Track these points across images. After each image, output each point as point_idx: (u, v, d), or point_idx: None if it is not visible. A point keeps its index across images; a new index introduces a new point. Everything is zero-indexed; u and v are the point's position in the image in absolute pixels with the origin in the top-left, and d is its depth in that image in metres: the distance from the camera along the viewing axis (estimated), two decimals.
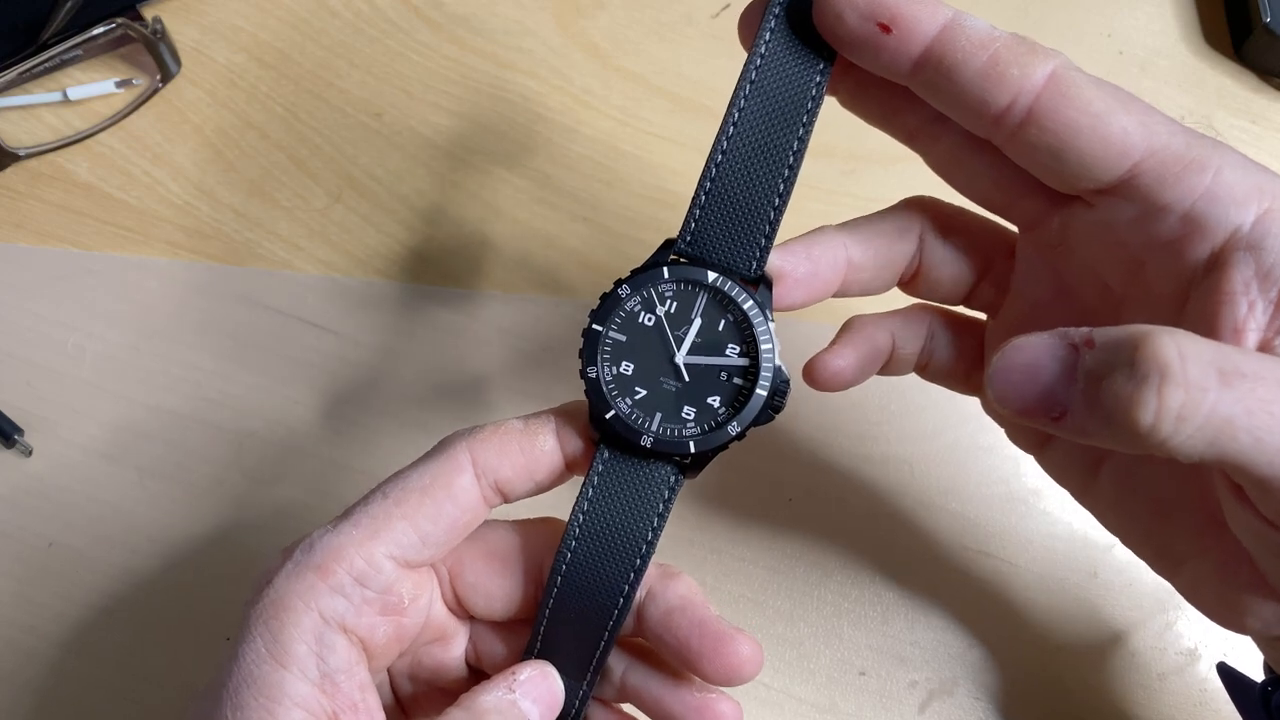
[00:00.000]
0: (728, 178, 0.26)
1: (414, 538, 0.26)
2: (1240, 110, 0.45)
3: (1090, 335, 0.22)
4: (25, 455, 0.39)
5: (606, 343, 0.27)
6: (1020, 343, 0.22)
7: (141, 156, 0.44)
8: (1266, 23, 0.44)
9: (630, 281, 0.27)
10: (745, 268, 0.27)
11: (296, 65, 0.45)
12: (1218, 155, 0.24)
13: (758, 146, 0.26)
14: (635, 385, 0.27)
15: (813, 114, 0.26)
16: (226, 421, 0.39)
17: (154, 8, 0.45)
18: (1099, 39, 0.46)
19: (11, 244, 0.42)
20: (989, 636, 0.37)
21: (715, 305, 0.27)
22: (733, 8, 0.46)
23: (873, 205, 0.43)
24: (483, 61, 0.45)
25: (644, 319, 0.27)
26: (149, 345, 0.40)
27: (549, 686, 0.28)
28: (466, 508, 0.27)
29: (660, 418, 0.27)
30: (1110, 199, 0.25)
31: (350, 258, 0.42)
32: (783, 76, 0.26)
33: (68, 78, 0.45)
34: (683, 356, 0.27)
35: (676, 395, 0.27)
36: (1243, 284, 0.24)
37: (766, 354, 0.26)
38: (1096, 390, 0.21)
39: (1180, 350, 0.20)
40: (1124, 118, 0.24)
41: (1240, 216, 0.24)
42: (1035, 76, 0.24)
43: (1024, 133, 0.25)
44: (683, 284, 0.27)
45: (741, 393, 0.26)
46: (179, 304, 0.41)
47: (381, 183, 0.43)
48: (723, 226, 0.26)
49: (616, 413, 0.26)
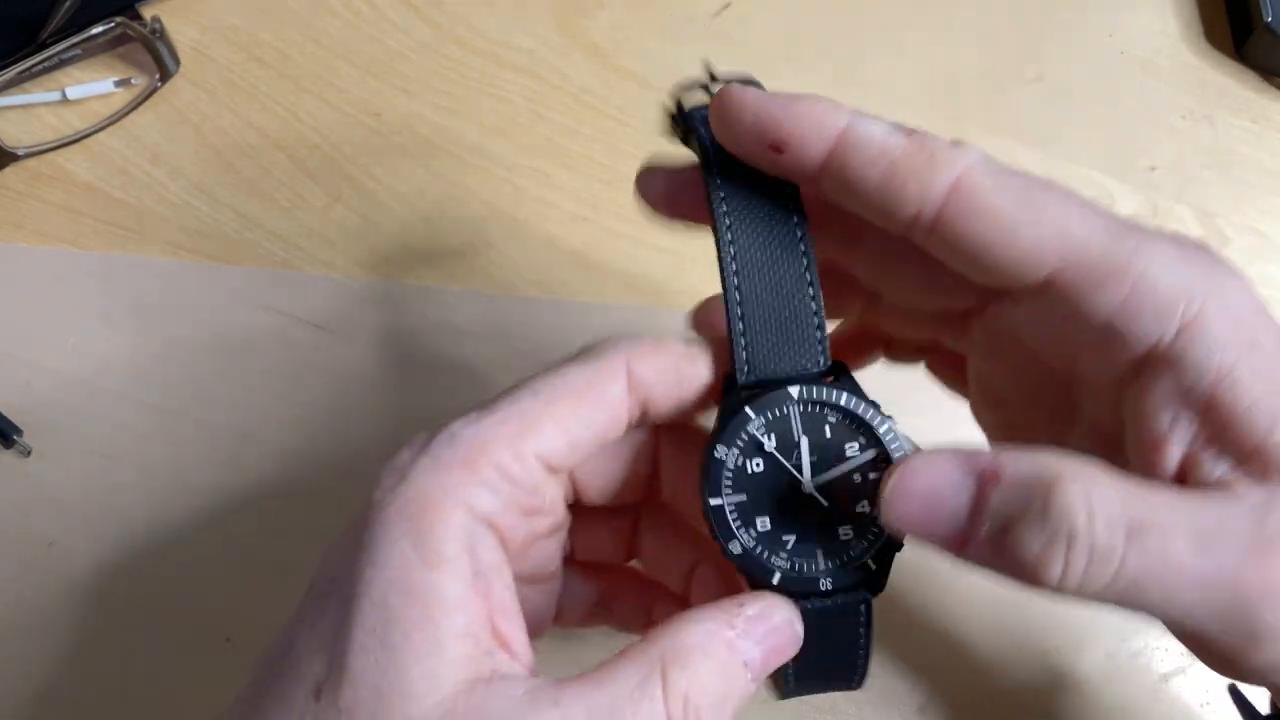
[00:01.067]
0: (753, 297, 0.25)
1: (562, 442, 0.24)
2: (1241, 110, 0.45)
3: (997, 468, 0.21)
4: (25, 455, 0.39)
5: (731, 511, 0.25)
6: (920, 467, 0.22)
7: (141, 156, 0.43)
8: (1268, 22, 0.44)
9: (720, 438, 0.25)
10: (814, 366, 0.25)
11: (296, 65, 0.45)
12: (1142, 256, 0.22)
13: (764, 255, 0.25)
14: (782, 535, 0.25)
15: (796, 203, 0.25)
16: (226, 421, 0.39)
17: (153, 7, 0.45)
18: (1100, 39, 0.46)
19: (11, 244, 0.42)
20: (989, 638, 0.37)
21: (812, 416, 0.25)
22: (733, 8, 0.46)
23: None
24: (483, 61, 0.45)
25: (754, 465, 0.25)
26: (149, 345, 0.40)
27: (780, 624, 0.24)
28: (614, 418, 0.25)
29: (821, 553, 0.25)
30: (1034, 299, 0.24)
31: (350, 258, 0.42)
32: (748, 189, 0.25)
33: (67, 77, 0.45)
34: (811, 482, 0.25)
35: (821, 524, 0.25)
36: (1164, 398, 0.23)
37: (885, 432, 0.24)
38: (1003, 537, 0.21)
39: (1090, 507, 0.20)
40: (1034, 229, 0.23)
41: (1161, 328, 0.22)
42: (935, 190, 0.23)
43: (933, 241, 0.24)
44: (770, 413, 0.25)
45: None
46: (179, 304, 0.41)
47: (381, 183, 0.43)
48: (774, 341, 0.25)
49: (781, 575, 0.25)
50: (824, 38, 0.46)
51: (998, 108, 0.45)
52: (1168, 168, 0.44)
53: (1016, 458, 0.21)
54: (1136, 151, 0.44)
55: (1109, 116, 0.45)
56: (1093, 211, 0.23)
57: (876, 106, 0.48)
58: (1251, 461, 0.22)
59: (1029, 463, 0.21)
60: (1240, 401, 0.22)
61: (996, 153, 0.23)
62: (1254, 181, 0.44)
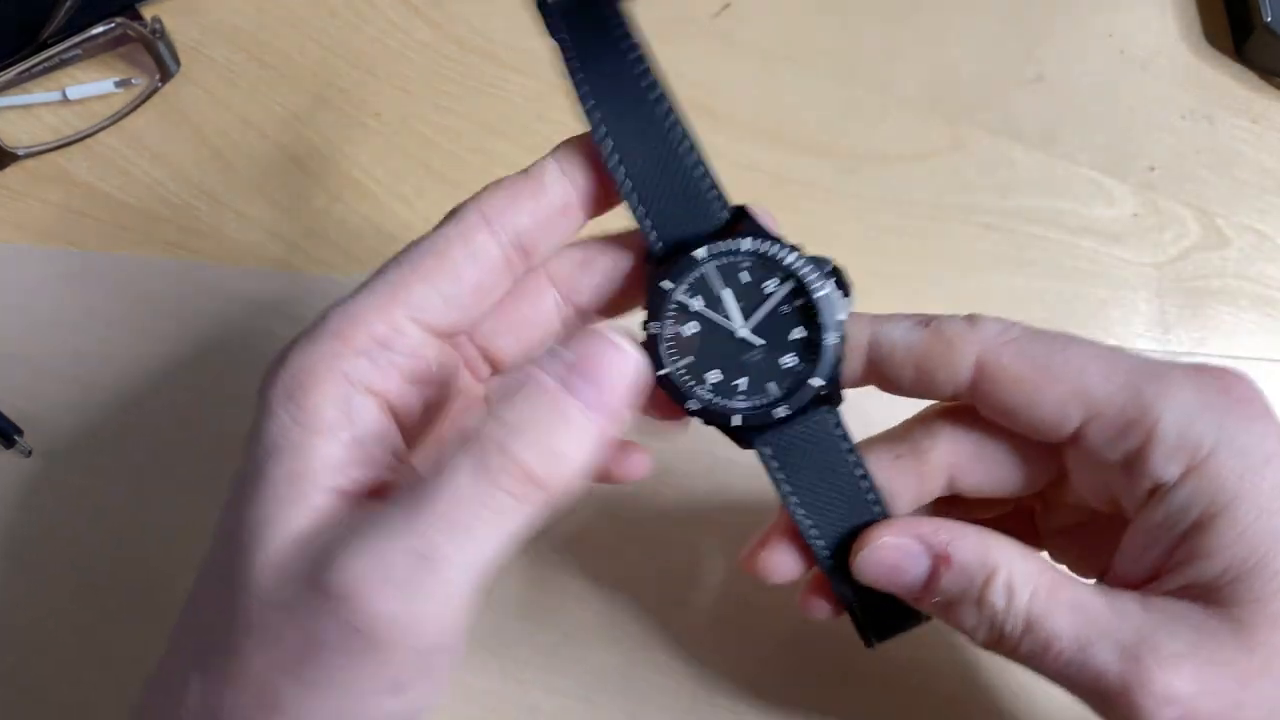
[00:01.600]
0: (640, 174, 0.26)
1: (436, 299, 0.25)
2: (1241, 110, 0.45)
3: (949, 552, 0.26)
4: (25, 455, 0.39)
5: (681, 374, 0.27)
6: (888, 544, 0.27)
7: (141, 156, 0.44)
8: (1267, 22, 0.44)
9: (650, 313, 0.26)
10: (716, 220, 0.26)
11: (296, 65, 0.45)
12: (1159, 404, 0.25)
13: (638, 135, 0.26)
14: (733, 381, 0.27)
15: (655, 79, 0.26)
16: (226, 422, 0.39)
17: (153, 7, 0.45)
18: (1100, 39, 0.46)
19: (11, 244, 0.42)
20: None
21: (725, 269, 0.26)
22: (733, 7, 0.46)
23: (872, 205, 0.44)
24: (483, 61, 0.45)
25: (689, 329, 0.27)
26: (149, 345, 0.40)
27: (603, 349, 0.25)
28: (489, 268, 0.26)
29: (774, 385, 0.27)
30: (1071, 448, 0.27)
31: (350, 258, 0.42)
32: (609, 77, 0.26)
33: (67, 77, 0.45)
34: (743, 326, 0.27)
35: (765, 360, 0.27)
36: (1153, 523, 0.26)
37: (794, 262, 0.26)
38: (948, 608, 0.26)
39: (1009, 600, 0.25)
40: (1055, 389, 0.26)
41: (1167, 472, 0.25)
42: (961, 374, 0.27)
43: (981, 408, 0.27)
44: (689, 280, 0.26)
45: (809, 296, 0.26)
46: (179, 304, 0.41)
47: (381, 183, 0.43)
48: (673, 208, 0.26)
49: (740, 415, 0.27)
50: (824, 38, 0.46)
51: (998, 108, 0.45)
52: (1167, 168, 0.44)
53: (964, 546, 0.26)
54: (1136, 151, 0.44)
55: (1109, 116, 0.45)
56: (1114, 361, 0.26)
57: (876, 106, 0.48)
58: (1207, 592, 0.25)
59: (974, 552, 0.26)
60: (1206, 546, 0.25)
61: (996, 152, 0.23)
62: (1253, 181, 0.44)
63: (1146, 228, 0.43)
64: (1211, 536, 0.25)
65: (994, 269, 0.42)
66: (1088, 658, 0.25)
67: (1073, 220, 0.43)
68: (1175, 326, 0.41)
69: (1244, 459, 0.25)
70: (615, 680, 0.36)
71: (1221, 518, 0.25)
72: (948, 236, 0.43)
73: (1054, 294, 0.42)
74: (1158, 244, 0.43)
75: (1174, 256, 0.43)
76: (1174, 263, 0.43)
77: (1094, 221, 0.43)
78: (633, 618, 0.37)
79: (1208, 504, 0.25)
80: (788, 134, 0.44)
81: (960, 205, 0.43)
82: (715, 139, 0.28)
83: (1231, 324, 0.42)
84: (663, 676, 0.36)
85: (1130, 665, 0.24)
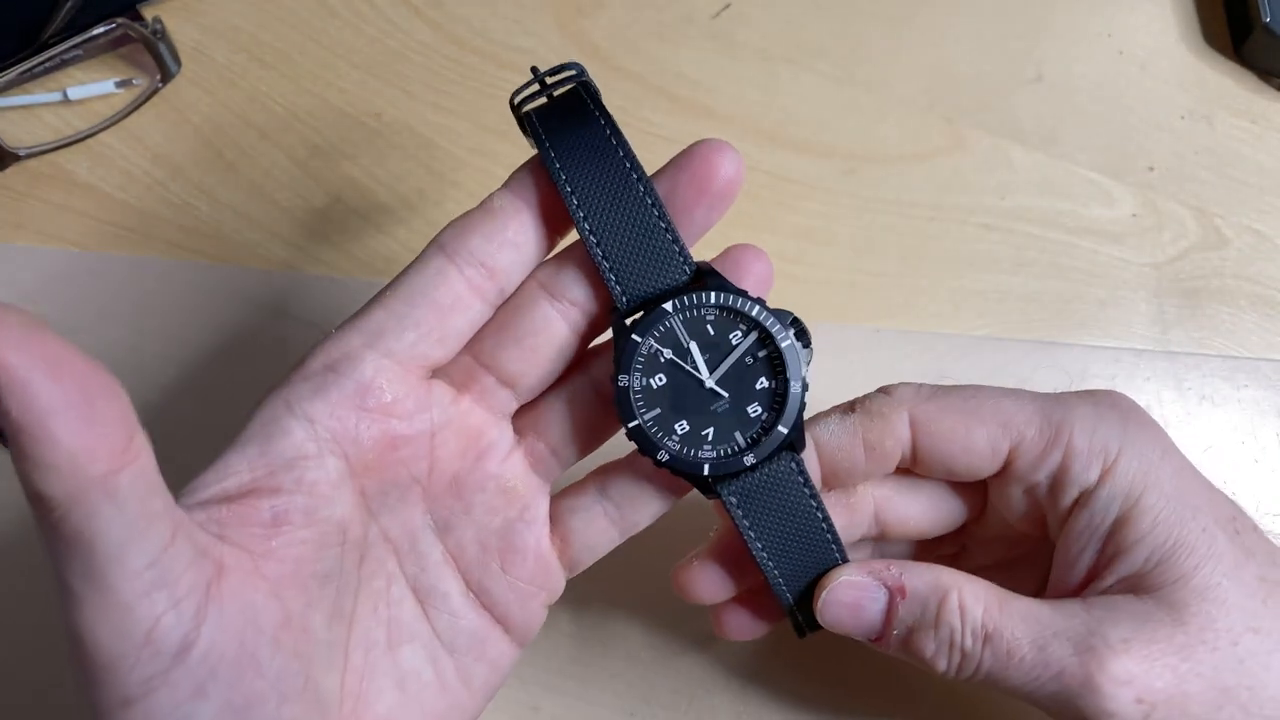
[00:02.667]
0: (607, 233, 0.27)
1: (392, 322, 0.26)
2: (1240, 110, 0.45)
3: (902, 583, 0.28)
4: None
5: (650, 425, 0.27)
6: (846, 583, 0.29)
7: (141, 156, 0.44)
8: (1266, 23, 0.44)
9: (620, 367, 0.27)
10: (681, 276, 0.27)
11: (296, 65, 0.45)
12: (1067, 425, 0.29)
13: (606, 197, 0.27)
14: (701, 431, 0.28)
15: (626, 150, 0.27)
16: (226, 422, 0.39)
17: (154, 8, 0.45)
18: (1099, 39, 0.46)
19: (11, 244, 0.42)
20: None
21: (692, 322, 0.27)
22: (733, 8, 0.47)
23: (873, 205, 0.44)
24: (483, 61, 0.45)
25: (657, 380, 0.27)
26: (149, 345, 0.40)
27: None
28: (447, 290, 0.26)
29: (739, 434, 0.28)
30: (1000, 480, 0.30)
31: (350, 258, 0.42)
32: (582, 154, 0.27)
33: (68, 78, 0.45)
34: (710, 378, 0.27)
35: (731, 410, 0.28)
36: (1080, 529, 0.29)
37: (758, 313, 0.27)
38: (908, 639, 0.29)
39: (961, 620, 0.28)
40: (984, 426, 0.29)
41: (1086, 478, 0.29)
42: (904, 435, 0.30)
43: (918, 466, 0.30)
44: (656, 332, 0.27)
45: (774, 347, 0.27)
46: (179, 304, 0.41)
47: (381, 183, 0.43)
48: (638, 265, 0.27)
49: (708, 465, 0.27)
50: (824, 38, 0.46)
51: (998, 108, 0.45)
52: (1167, 168, 0.44)
53: (915, 575, 0.29)
54: (1136, 151, 0.44)
55: (1108, 116, 0.45)
56: (1021, 397, 0.30)
57: (876, 106, 0.48)
58: (1138, 582, 0.28)
59: (924, 580, 0.29)
60: (1128, 538, 0.28)
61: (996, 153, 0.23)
62: (1253, 181, 0.44)
63: (1145, 228, 0.43)
64: (1131, 529, 0.28)
65: (993, 269, 0.42)
66: (1047, 656, 0.27)
67: (1072, 220, 0.43)
68: (1174, 326, 0.42)
69: (1145, 456, 0.29)
70: (615, 680, 0.36)
71: (1137, 508, 0.28)
72: (947, 236, 0.43)
73: (1053, 294, 0.42)
74: (1157, 244, 0.43)
75: (1173, 256, 0.43)
76: (1173, 263, 0.43)
77: (1093, 222, 0.43)
78: (633, 618, 0.37)
79: (1124, 498, 0.28)
80: (788, 134, 0.44)
81: (960, 205, 0.43)
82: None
83: (1230, 324, 0.42)
84: (663, 676, 0.36)
85: (1086, 656, 0.27)
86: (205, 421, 0.39)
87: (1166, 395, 0.40)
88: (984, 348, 0.41)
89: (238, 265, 0.42)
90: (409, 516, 0.27)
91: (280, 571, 0.24)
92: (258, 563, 0.24)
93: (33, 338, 0.19)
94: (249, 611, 0.23)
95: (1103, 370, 0.41)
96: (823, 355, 0.40)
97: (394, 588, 0.27)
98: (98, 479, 0.19)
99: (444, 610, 0.28)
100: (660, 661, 0.36)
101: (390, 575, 0.27)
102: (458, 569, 0.28)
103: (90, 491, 0.20)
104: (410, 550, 0.28)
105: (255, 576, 0.23)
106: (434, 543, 0.28)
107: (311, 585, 0.25)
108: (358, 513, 0.26)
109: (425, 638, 0.28)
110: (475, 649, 0.28)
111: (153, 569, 0.21)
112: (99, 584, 0.20)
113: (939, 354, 0.41)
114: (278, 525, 0.24)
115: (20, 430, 0.18)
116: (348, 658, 0.26)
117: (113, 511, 0.20)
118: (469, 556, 0.28)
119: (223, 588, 0.22)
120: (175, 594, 0.21)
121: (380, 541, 0.27)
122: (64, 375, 0.19)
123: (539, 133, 0.27)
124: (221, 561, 0.23)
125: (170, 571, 0.21)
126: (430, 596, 0.28)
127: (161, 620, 0.21)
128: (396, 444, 0.26)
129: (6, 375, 0.18)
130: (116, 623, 0.21)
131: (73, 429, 0.19)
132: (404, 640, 0.27)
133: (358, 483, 0.26)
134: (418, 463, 0.27)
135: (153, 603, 0.21)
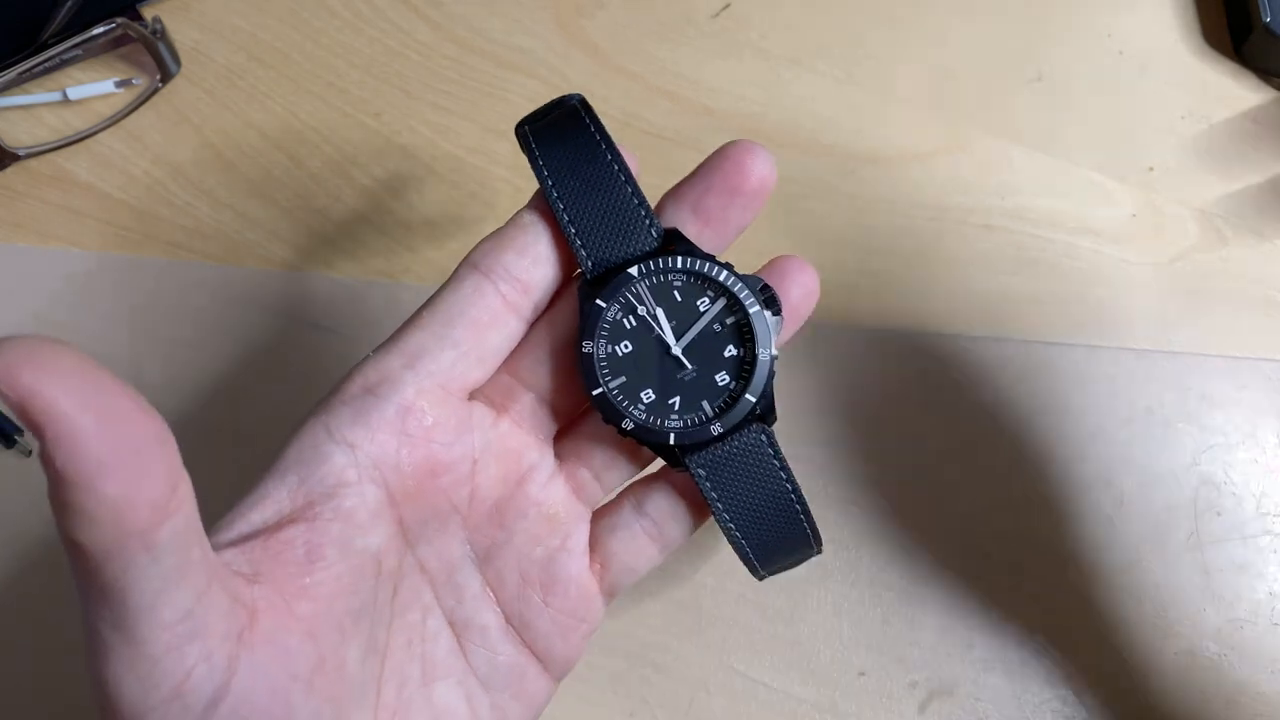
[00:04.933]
0: (575, 203, 0.27)
1: (431, 342, 0.25)
2: (1240, 110, 0.45)
3: None
4: (25, 455, 0.39)
5: (615, 393, 0.27)
6: None
7: (141, 156, 0.44)
8: (1266, 23, 0.44)
9: (584, 333, 0.27)
10: (648, 244, 0.27)
11: (296, 65, 0.45)
12: None
13: (576, 171, 0.27)
14: (667, 400, 0.27)
15: (602, 134, 0.27)
16: (226, 422, 0.39)
17: (154, 7, 0.45)
18: (1099, 39, 0.46)
19: (11, 244, 0.42)
20: (989, 636, 0.37)
21: (658, 288, 0.27)
22: (733, 8, 0.47)
23: (873, 205, 0.44)
24: (483, 61, 0.45)
25: (622, 348, 0.27)
26: (149, 345, 0.40)
27: None
28: (484, 308, 0.26)
29: (707, 403, 0.27)
30: None
31: (351, 258, 0.42)
32: (560, 142, 0.28)
33: (67, 78, 0.45)
34: (677, 345, 0.27)
35: (698, 378, 0.27)
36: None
37: (725, 278, 0.27)
38: None
39: None
40: None
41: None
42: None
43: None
44: (621, 298, 0.27)
45: (744, 314, 0.27)
46: (179, 304, 0.41)
47: (381, 183, 0.43)
48: (606, 234, 0.27)
49: (674, 434, 0.27)
50: (824, 38, 0.46)
51: (997, 108, 0.45)
52: (1167, 168, 0.44)
53: None
54: (1136, 151, 0.44)
55: (1108, 116, 0.45)
56: None
57: (876, 106, 0.48)
58: None
59: None
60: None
61: (996, 153, 0.23)
62: (1251, 181, 0.44)
63: (1146, 228, 0.43)
64: None
65: (994, 269, 0.42)
66: None
67: (1072, 221, 0.43)
68: (1175, 327, 0.42)
69: None
70: (615, 680, 0.36)
71: None
72: (948, 236, 0.43)
73: (1053, 294, 0.42)
74: (1157, 244, 0.43)
75: (1173, 257, 0.43)
76: (1174, 263, 0.43)
77: (1093, 222, 0.43)
78: (633, 618, 0.37)
79: None
80: (788, 134, 0.44)
81: (960, 205, 0.43)
82: (715, 139, 0.28)
83: (1231, 324, 0.42)
84: (663, 676, 0.36)
85: None
86: (206, 421, 0.39)
87: (1167, 396, 0.40)
88: (984, 348, 0.41)
89: (238, 265, 0.42)
90: (447, 546, 0.27)
91: (314, 610, 0.23)
92: (291, 603, 0.23)
93: (87, 382, 0.18)
94: (282, 658, 0.22)
95: (1103, 370, 0.41)
96: (823, 357, 0.40)
97: (430, 621, 0.26)
98: (138, 533, 0.18)
99: (481, 645, 0.27)
100: (660, 661, 0.36)
101: (425, 608, 0.26)
102: (497, 601, 0.27)
103: (129, 545, 0.18)
104: (448, 582, 0.27)
105: (289, 618, 0.22)
106: (473, 573, 0.27)
107: (346, 622, 0.24)
108: (394, 543, 0.25)
109: (461, 674, 0.27)
110: (513, 685, 0.27)
111: (186, 621, 0.20)
112: (129, 635, 0.19)
113: (940, 355, 0.41)
114: (312, 561, 0.23)
115: (63, 479, 0.17)
116: (380, 694, 0.25)
117: (149, 563, 0.19)
118: (509, 588, 0.27)
119: (255, 633, 0.21)
120: (208, 646, 0.20)
121: (415, 572, 0.26)
122: (116, 425, 0.18)
123: (524, 122, 0.28)
124: (254, 606, 0.22)
125: (204, 623, 0.20)
126: (468, 630, 0.27)
127: (193, 674, 0.20)
128: (437, 470, 0.26)
129: (57, 425, 0.17)
130: (144, 675, 0.20)
131: (119, 481, 0.18)
132: (439, 676, 0.26)
133: (396, 512, 0.25)
134: (459, 489, 0.26)
135: (183, 656, 0.20)
